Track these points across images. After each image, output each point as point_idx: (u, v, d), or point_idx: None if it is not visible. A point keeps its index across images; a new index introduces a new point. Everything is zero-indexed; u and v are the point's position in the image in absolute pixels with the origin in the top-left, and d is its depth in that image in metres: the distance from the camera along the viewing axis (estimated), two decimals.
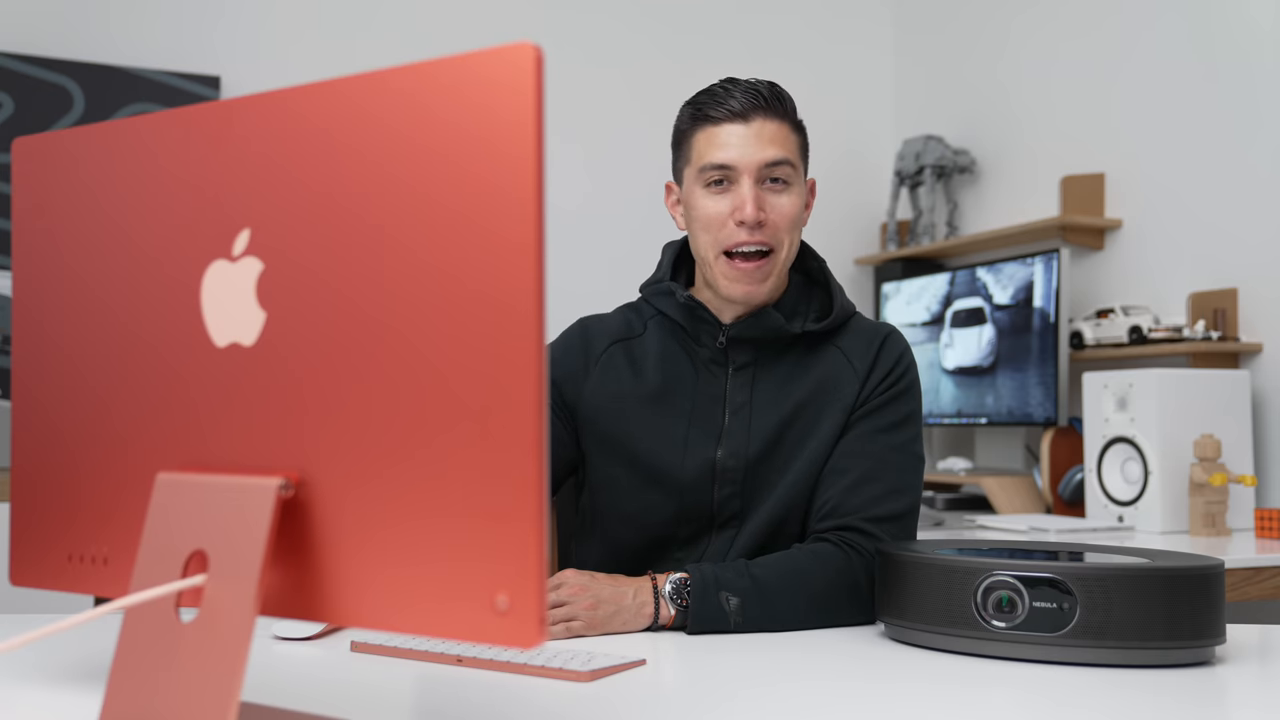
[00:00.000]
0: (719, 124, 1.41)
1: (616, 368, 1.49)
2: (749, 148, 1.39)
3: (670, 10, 3.79)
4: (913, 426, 1.45)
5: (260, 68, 3.34)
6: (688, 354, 1.48)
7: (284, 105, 0.79)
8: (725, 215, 1.41)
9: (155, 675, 0.75)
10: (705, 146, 1.42)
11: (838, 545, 1.35)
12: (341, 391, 0.75)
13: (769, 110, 1.41)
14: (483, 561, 0.68)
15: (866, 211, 3.96)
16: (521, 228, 0.68)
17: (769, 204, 1.40)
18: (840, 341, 1.47)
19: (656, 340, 1.50)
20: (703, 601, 1.27)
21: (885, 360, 1.46)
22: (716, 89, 1.43)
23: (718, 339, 1.46)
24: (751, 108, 1.40)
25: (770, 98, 1.41)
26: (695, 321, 1.47)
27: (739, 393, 1.45)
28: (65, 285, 0.90)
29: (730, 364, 1.46)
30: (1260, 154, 2.73)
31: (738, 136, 1.40)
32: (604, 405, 1.47)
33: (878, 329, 1.49)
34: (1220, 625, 1.12)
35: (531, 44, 0.68)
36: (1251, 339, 2.74)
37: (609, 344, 1.51)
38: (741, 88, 1.42)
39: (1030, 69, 3.43)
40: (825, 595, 1.32)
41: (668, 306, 1.50)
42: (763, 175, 1.40)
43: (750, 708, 0.95)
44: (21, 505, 0.92)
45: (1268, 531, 2.45)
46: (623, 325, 1.53)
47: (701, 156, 1.42)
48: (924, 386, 3.39)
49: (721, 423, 1.44)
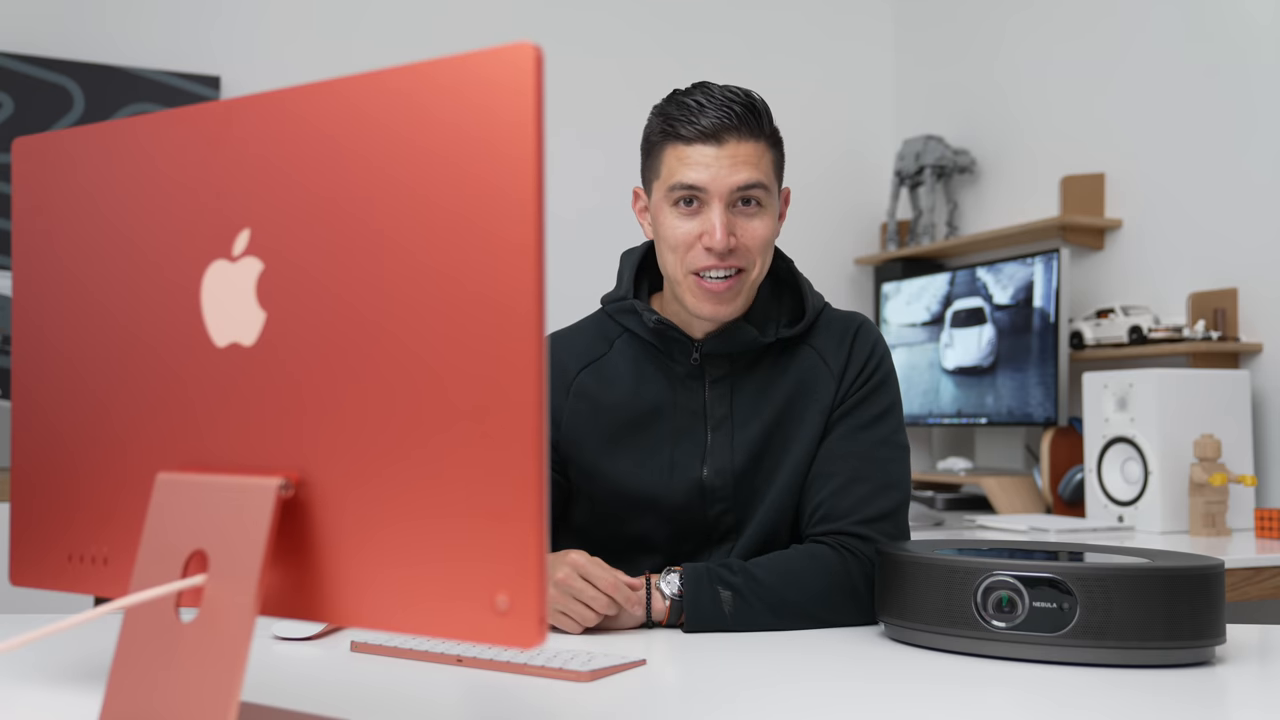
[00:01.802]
0: (689, 143, 1.36)
1: (590, 396, 1.46)
2: (720, 170, 1.35)
3: (670, 7, 3.79)
4: (893, 418, 1.44)
5: (260, 68, 3.34)
6: (662, 372, 1.46)
7: (284, 105, 0.79)
8: (694, 237, 1.37)
9: (155, 675, 0.75)
10: (675, 165, 1.37)
11: (833, 548, 1.35)
12: (341, 391, 0.75)
13: (742, 129, 1.35)
14: (483, 561, 0.68)
15: (866, 211, 3.96)
16: (521, 228, 0.68)
17: (739, 227, 1.37)
18: (813, 340, 1.46)
19: (627, 359, 1.47)
20: (697, 592, 1.27)
21: (859, 355, 1.45)
22: (689, 102, 1.37)
23: (691, 356, 1.44)
24: (723, 127, 1.34)
25: (744, 114, 1.36)
26: (666, 341, 1.45)
27: (718, 406, 1.44)
28: (65, 285, 0.90)
29: (706, 377, 1.45)
30: (1260, 154, 2.73)
31: (709, 158, 1.35)
32: (582, 438, 1.45)
33: (849, 322, 1.48)
34: (1220, 625, 1.12)
35: (531, 44, 0.68)
36: (1251, 339, 2.74)
37: (579, 370, 1.47)
38: (716, 103, 1.35)
39: (1030, 69, 3.43)
40: (821, 595, 1.32)
41: (636, 326, 1.47)
42: (733, 198, 1.36)
43: (750, 708, 0.95)
44: (21, 505, 0.92)
45: (1268, 531, 2.45)
46: (589, 345, 1.49)
47: (671, 175, 1.37)
48: (924, 386, 3.40)
49: (704, 440, 1.43)
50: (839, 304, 1.56)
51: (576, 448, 1.45)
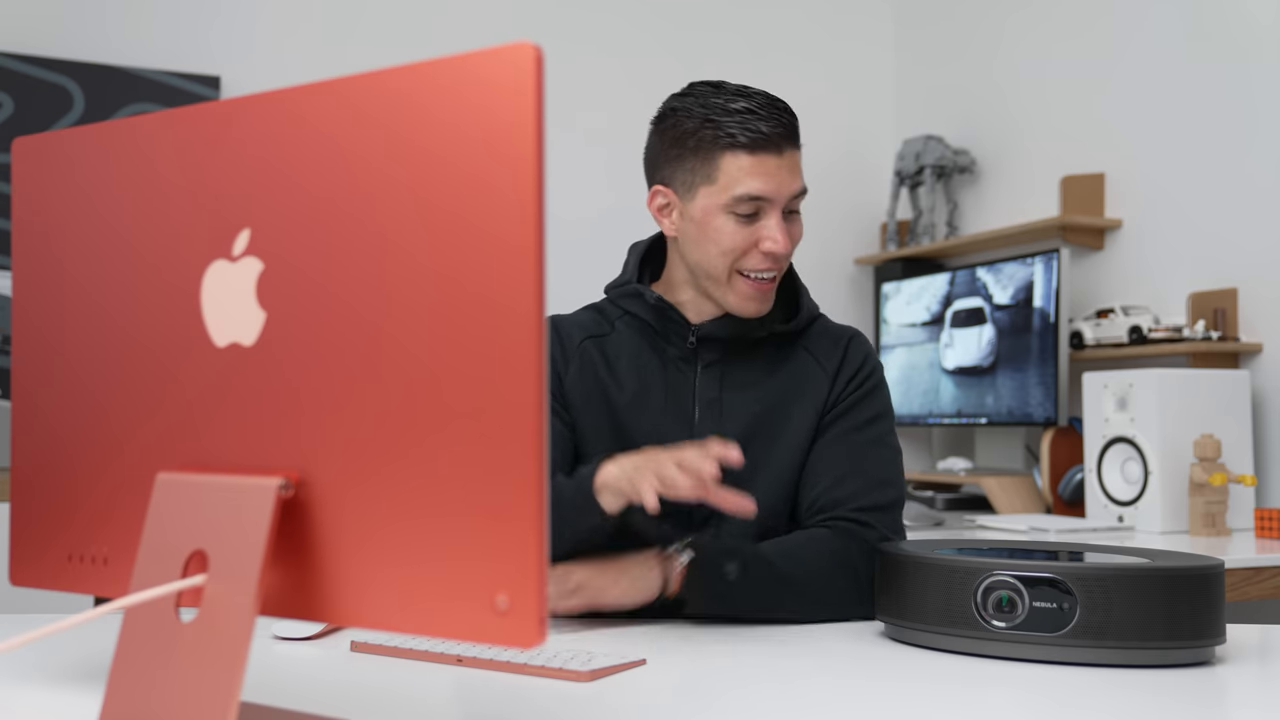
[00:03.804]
0: (754, 153, 1.38)
1: (592, 362, 1.49)
2: (783, 180, 1.39)
3: (671, 7, 3.79)
4: (886, 421, 1.49)
5: (260, 68, 3.34)
6: (657, 354, 1.50)
7: (284, 105, 0.79)
8: (750, 243, 1.41)
9: (155, 675, 0.75)
10: (738, 173, 1.38)
11: (833, 530, 1.38)
12: (341, 391, 0.75)
13: (794, 139, 1.41)
14: (483, 561, 0.68)
15: (866, 211, 3.96)
16: (521, 229, 0.68)
17: (789, 233, 1.42)
18: (807, 343, 1.51)
19: (626, 340, 1.51)
20: (704, 560, 1.30)
21: (853, 360, 1.49)
22: (736, 107, 1.38)
23: (688, 339, 1.48)
24: (782, 137, 1.39)
25: (791, 123, 1.41)
26: (665, 322, 1.49)
27: (708, 389, 1.47)
28: (65, 285, 0.90)
29: (699, 362, 1.48)
30: (1260, 155, 2.73)
31: (773, 167, 1.38)
32: (583, 398, 1.48)
33: (843, 331, 1.53)
34: (1220, 625, 1.12)
35: (531, 44, 0.68)
36: (1251, 339, 2.74)
37: (582, 338, 1.51)
38: (765, 109, 1.39)
39: (1030, 69, 3.43)
40: (822, 573, 1.34)
41: (636, 307, 1.51)
42: (787, 205, 1.42)
43: (750, 708, 0.95)
44: (21, 505, 0.92)
45: (1268, 531, 2.45)
46: (591, 323, 1.54)
47: (735, 183, 1.38)
48: (924, 386, 3.40)
49: (692, 421, 1.46)
50: (839, 304, 1.58)
51: (578, 408, 1.48)
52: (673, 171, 1.45)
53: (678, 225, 1.46)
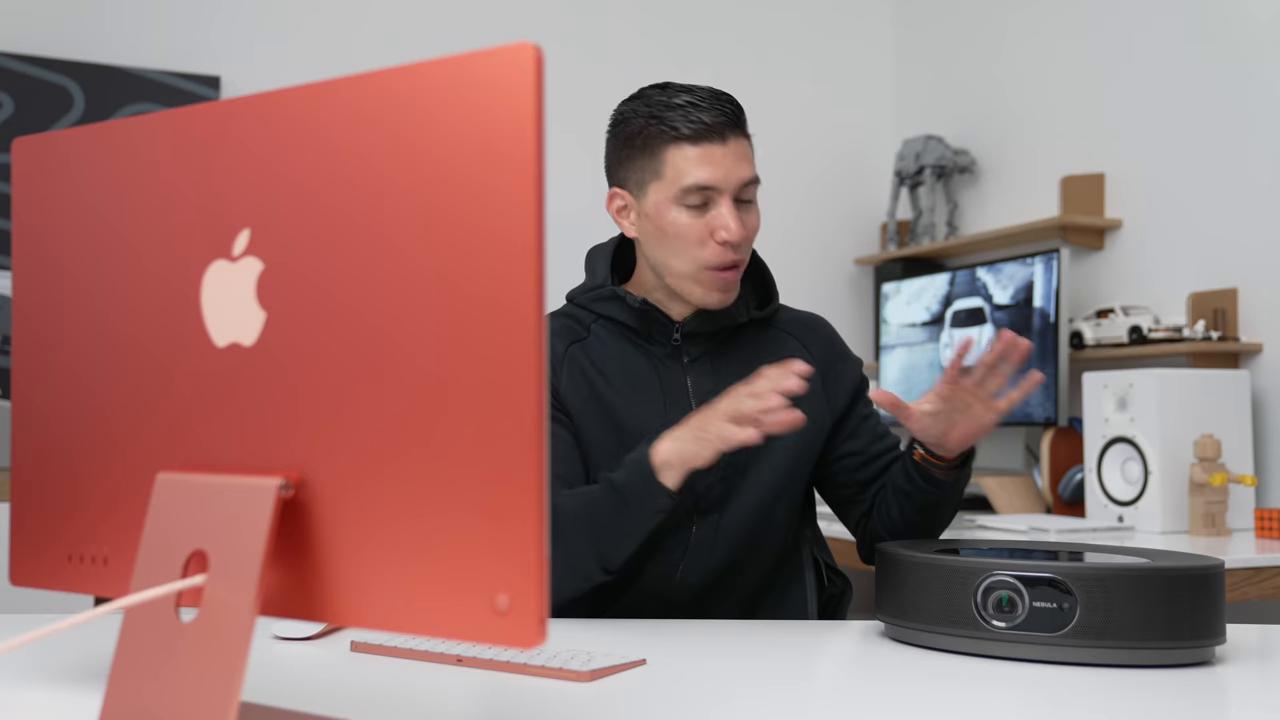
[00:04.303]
0: (698, 143, 1.41)
1: (581, 368, 1.50)
2: (729, 167, 1.41)
3: (670, 7, 3.79)
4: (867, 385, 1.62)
5: (260, 67, 3.34)
6: (642, 353, 1.51)
7: (283, 106, 0.79)
8: (705, 234, 1.43)
9: (155, 675, 0.75)
10: (685, 165, 1.41)
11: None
12: (341, 391, 0.75)
13: (738, 127, 1.44)
14: (483, 561, 0.69)
15: (866, 211, 3.96)
16: (521, 229, 0.68)
17: (743, 221, 1.44)
18: (783, 326, 1.59)
19: (606, 343, 1.52)
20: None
21: (825, 332, 1.61)
22: (679, 102, 1.42)
23: (672, 336, 1.50)
24: (724, 125, 1.41)
25: (735, 111, 1.44)
26: (648, 322, 1.50)
27: (704, 382, 1.49)
28: (65, 285, 0.90)
29: (684, 357, 1.51)
30: (1260, 154, 2.73)
31: (717, 155, 1.41)
32: (580, 404, 1.48)
33: (811, 314, 1.63)
34: (1220, 625, 1.12)
35: (531, 44, 0.68)
36: (1251, 339, 2.74)
37: (567, 344, 1.52)
38: (708, 101, 1.42)
39: (1030, 69, 3.43)
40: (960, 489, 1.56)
41: (616, 311, 1.51)
42: (738, 194, 1.43)
43: (750, 708, 0.95)
44: (21, 505, 0.92)
45: (1268, 531, 2.45)
46: (567, 329, 1.54)
47: (681, 175, 1.41)
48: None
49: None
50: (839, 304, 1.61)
51: (575, 417, 1.49)
52: (626, 172, 1.48)
53: (637, 225, 1.49)
